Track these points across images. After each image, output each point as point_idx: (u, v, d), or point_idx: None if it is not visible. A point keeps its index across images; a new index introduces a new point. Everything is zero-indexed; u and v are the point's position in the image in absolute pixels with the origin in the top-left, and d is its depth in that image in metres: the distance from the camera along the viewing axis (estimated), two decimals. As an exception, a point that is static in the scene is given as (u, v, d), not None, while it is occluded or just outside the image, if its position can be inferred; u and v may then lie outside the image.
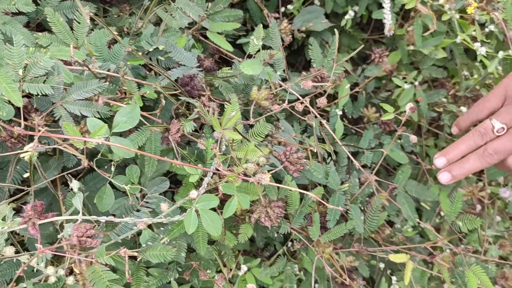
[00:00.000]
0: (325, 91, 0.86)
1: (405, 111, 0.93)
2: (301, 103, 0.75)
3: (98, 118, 0.71)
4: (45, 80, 0.68)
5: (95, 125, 0.66)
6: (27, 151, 0.59)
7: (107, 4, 1.07)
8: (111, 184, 0.76)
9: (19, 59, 0.66)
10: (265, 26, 1.28)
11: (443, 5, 1.10)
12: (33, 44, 0.82)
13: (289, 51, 1.35)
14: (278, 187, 0.89)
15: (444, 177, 0.73)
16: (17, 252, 0.61)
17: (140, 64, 0.91)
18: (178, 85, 0.76)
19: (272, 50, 0.95)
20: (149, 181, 0.82)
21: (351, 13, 1.25)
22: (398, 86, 1.19)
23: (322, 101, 0.74)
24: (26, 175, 0.70)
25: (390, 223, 1.19)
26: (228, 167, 0.75)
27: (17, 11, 0.82)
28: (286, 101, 0.78)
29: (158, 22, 1.02)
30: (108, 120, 0.74)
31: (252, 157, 0.75)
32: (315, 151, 0.79)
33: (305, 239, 0.91)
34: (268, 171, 0.74)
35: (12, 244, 0.70)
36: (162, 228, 0.78)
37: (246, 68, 0.80)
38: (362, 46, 0.82)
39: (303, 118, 0.82)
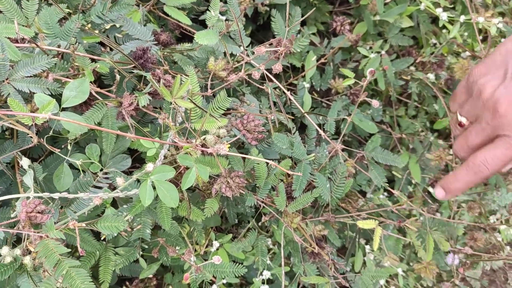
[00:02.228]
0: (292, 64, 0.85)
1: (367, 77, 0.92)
2: (258, 70, 0.74)
3: (49, 95, 0.69)
4: (-12, 57, 0.66)
5: (43, 101, 0.64)
6: (-31, 128, 0.57)
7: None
8: (70, 164, 0.75)
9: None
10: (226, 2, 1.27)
11: (405, -29, 1.09)
12: (-21, 23, 0.79)
13: (256, 27, 1.34)
14: (244, 159, 0.88)
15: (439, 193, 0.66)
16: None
17: (96, 42, 0.89)
18: (131, 59, 0.74)
19: (230, 22, 0.93)
20: (110, 159, 0.81)
21: (314, -15, 1.24)
22: (366, 57, 1.18)
23: (277, 67, 0.73)
24: None
25: (364, 194, 1.19)
26: (187, 139, 0.74)
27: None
28: (243, 70, 0.76)
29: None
30: (60, 96, 0.72)
31: (211, 128, 0.74)
32: (272, 117, 0.78)
33: (275, 211, 0.91)
34: (227, 141, 0.73)
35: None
36: (125, 206, 0.77)
37: (201, 39, 0.78)
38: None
39: (260, 87, 0.81)
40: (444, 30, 1.25)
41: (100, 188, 0.75)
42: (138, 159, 0.95)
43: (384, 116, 1.21)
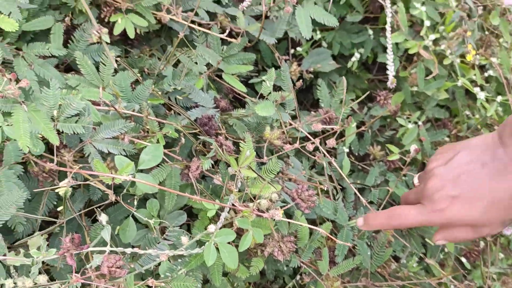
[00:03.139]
0: (334, 132, 0.92)
1: (409, 151, 0.98)
2: (312, 143, 0.81)
3: (124, 155, 0.76)
4: (77, 120, 0.74)
5: (122, 163, 0.71)
6: (62, 186, 0.64)
7: (128, 46, 1.14)
8: (133, 217, 0.81)
9: (54, 101, 0.72)
10: (275, 67, 1.36)
11: (445, 50, 1.16)
12: (63, 84, 0.88)
13: (297, 90, 1.42)
14: (289, 222, 0.93)
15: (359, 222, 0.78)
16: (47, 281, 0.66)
17: (159, 103, 0.97)
18: (197, 125, 0.82)
19: (284, 92, 1.01)
20: (167, 214, 0.87)
21: (357, 55, 1.32)
22: (402, 125, 1.25)
23: (331, 142, 0.80)
24: (59, 208, 0.75)
25: (396, 258, 1.22)
26: (242, 202, 0.80)
27: (50, 55, 0.89)
28: (298, 142, 0.83)
29: (176, 63, 1.09)
30: (132, 157, 0.80)
31: (266, 193, 0.79)
32: (325, 188, 0.84)
33: (314, 272, 0.95)
34: (281, 207, 0.79)
35: (40, 273, 0.74)
36: (179, 260, 0.82)
37: (260, 110, 0.85)
38: (368, 93, 0.87)
39: (312, 156, 0.87)
40: (477, 104, 1.31)
41: (159, 243, 0.80)
42: (188, 213, 1.01)
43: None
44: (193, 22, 1.07)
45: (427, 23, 1.12)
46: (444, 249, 1.19)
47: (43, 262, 0.77)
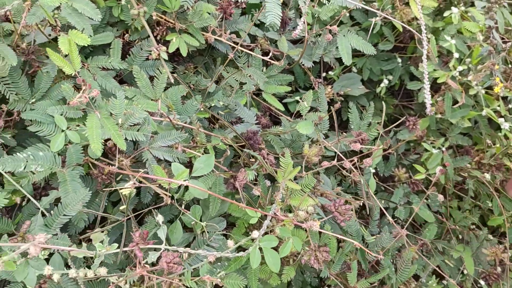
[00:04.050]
0: (366, 153, 0.98)
1: (433, 173, 1.04)
2: (351, 161, 0.87)
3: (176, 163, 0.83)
4: (139, 129, 0.81)
5: (178, 169, 0.78)
6: (127, 188, 0.71)
7: (174, 63, 1.22)
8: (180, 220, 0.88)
9: (120, 110, 0.80)
10: (306, 88, 1.44)
11: (470, 81, 1.23)
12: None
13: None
14: (320, 234, 0.99)
15: None
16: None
17: (204, 117, 1.05)
18: (243, 139, 0.89)
19: (320, 113, 1.08)
20: (208, 220, 0.93)
21: (385, 82, 1.39)
22: (427, 150, 1.31)
23: (368, 162, 0.86)
24: (122, 207, 0.82)
25: (416, 277, 1.27)
26: (284, 212, 0.86)
27: (109, 68, 0.97)
28: (336, 159, 0.90)
29: (216, 81, 1.17)
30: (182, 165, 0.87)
31: (304, 205, 0.86)
32: (360, 204, 0.90)
33: (341, 284, 1.00)
34: (318, 219, 0.85)
35: (88, 267, 0.80)
36: (219, 263, 0.88)
37: (301, 128, 0.92)
38: (401, 120, 0.94)
39: (348, 174, 0.94)
40: (500, 133, 1.37)
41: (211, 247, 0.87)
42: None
43: (440, 206, 1.31)
44: (235, 43, 1.15)
45: (456, 55, 1.19)
46: (463, 271, 1.23)
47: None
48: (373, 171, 1.28)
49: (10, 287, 0.84)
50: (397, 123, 1.15)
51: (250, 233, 0.97)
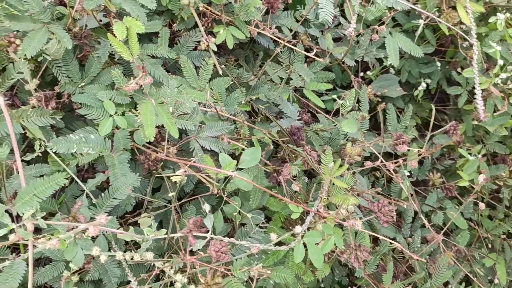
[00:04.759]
0: (396, 153, 0.98)
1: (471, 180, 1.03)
2: (395, 162, 0.87)
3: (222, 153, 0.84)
4: (188, 118, 0.82)
5: (225, 160, 0.79)
6: (178, 175, 0.72)
7: (216, 54, 1.23)
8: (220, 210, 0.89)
9: (172, 98, 0.81)
10: (343, 86, 1.43)
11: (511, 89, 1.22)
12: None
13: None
14: (356, 233, 0.99)
15: None
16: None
17: (245, 110, 1.06)
18: (288, 134, 0.89)
19: (361, 112, 1.08)
20: (248, 212, 0.94)
21: (423, 85, 1.38)
22: (462, 156, 1.29)
23: (413, 164, 0.86)
24: (171, 194, 0.83)
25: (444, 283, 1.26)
26: (328, 209, 0.87)
27: (158, 56, 0.98)
28: (380, 159, 0.89)
29: (257, 74, 1.18)
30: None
31: (346, 204, 0.86)
32: (404, 206, 0.90)
33: (374, 285, 1.00)
34: (360, 218, 0.85)
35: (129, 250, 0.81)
36: (256, 255, 0.89)
37: (345, 127, 0.92)
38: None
39: (379, 176, 0.93)
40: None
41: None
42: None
43: (472, 214, 1.30)
44: (278, 38, 1.15)
45: (500, 62, 1.17)
46: (493, 281, 1.22)
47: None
48: (408, 174, 1.27)
49: (52, 265, 0.86)
50: (439, 131, 1.14)
51: (285, 227, 0.98)
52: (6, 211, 0.64)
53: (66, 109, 0.99)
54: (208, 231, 0.68)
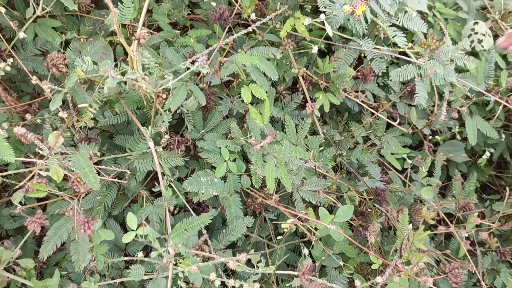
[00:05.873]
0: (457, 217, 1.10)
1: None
2: (467, 238, 1.00)
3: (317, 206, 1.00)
4: (295, 174, 0.99)
5: (324, 214, 0.94)
6: (288, 223, 0.88)
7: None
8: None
9: (284, 155, 0.98)
10: (412, 147, 1.57)
11: None
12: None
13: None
14: None
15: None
16: None
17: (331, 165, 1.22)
18: (373, 194, 1.04)
19: (435, 178, 1.22)
20: (327, 256, 1.09)
21: (487, 154, 1.50)
22: (518, 224, 1.40)
23: (484, 235, 0.99)
24: (279, 237, 0.99)
25: None
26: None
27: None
28: (453, 224, 1.03)
29: (340, 132, 1.34)
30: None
31: (420, 261, 1.00)
32: (472, 270, 1.03)
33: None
34: (431, 276, 0.98)
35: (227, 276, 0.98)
36: None
37: (424, 194, 1.07)
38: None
39: (461, 243, 1.06)
40: None
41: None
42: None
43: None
44: (363, 102, 1.31)
45: None
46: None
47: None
48: (466, 235, 1.39)
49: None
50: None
51: (358, 272, 1.12)
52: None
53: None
54: (315, 275, 0.84)
